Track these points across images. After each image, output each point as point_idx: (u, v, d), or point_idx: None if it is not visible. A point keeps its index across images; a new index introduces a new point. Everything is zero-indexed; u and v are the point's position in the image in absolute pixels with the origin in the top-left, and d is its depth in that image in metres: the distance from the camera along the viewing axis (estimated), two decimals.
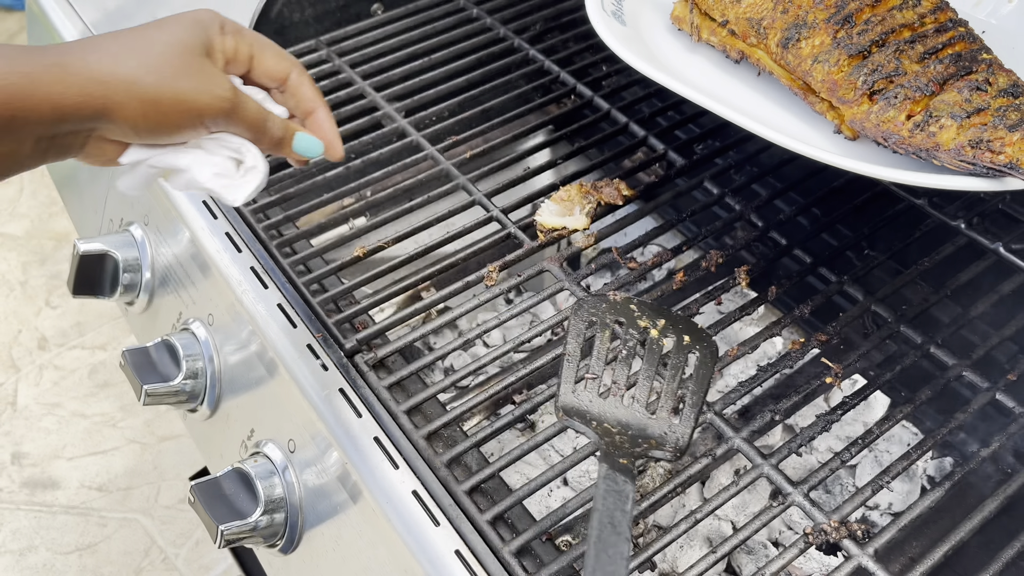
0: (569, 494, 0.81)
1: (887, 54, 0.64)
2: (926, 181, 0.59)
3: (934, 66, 0.63)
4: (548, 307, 1.00)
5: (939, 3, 0.67)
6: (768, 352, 0.92)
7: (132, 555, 1.58)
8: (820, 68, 0.66)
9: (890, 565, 0.54)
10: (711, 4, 0.74)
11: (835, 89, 0.65)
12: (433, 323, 0.68)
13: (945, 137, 0.59)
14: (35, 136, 0.48)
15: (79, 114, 0.49)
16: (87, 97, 0.48)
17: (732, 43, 0.73)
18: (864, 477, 0.80)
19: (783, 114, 0.70)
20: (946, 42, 0.64)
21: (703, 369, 0.56)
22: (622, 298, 0.60)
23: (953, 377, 0.63)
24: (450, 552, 0.55)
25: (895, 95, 0.62)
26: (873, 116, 0.63)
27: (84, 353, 1.91)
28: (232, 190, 0.56)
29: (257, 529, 0.63)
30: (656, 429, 0.54)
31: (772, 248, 0.75)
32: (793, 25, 0.68)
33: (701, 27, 0.75)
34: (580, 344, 0.57)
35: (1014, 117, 0.59)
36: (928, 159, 0.60)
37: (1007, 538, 0.56)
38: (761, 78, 0.74)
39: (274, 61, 0.56)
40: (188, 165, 0.55)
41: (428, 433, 0.61)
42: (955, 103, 0.60)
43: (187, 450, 1.73)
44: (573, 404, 0.55)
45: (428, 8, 1.01)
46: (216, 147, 0.55)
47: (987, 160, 0.57)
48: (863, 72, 0.64)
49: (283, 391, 0.66)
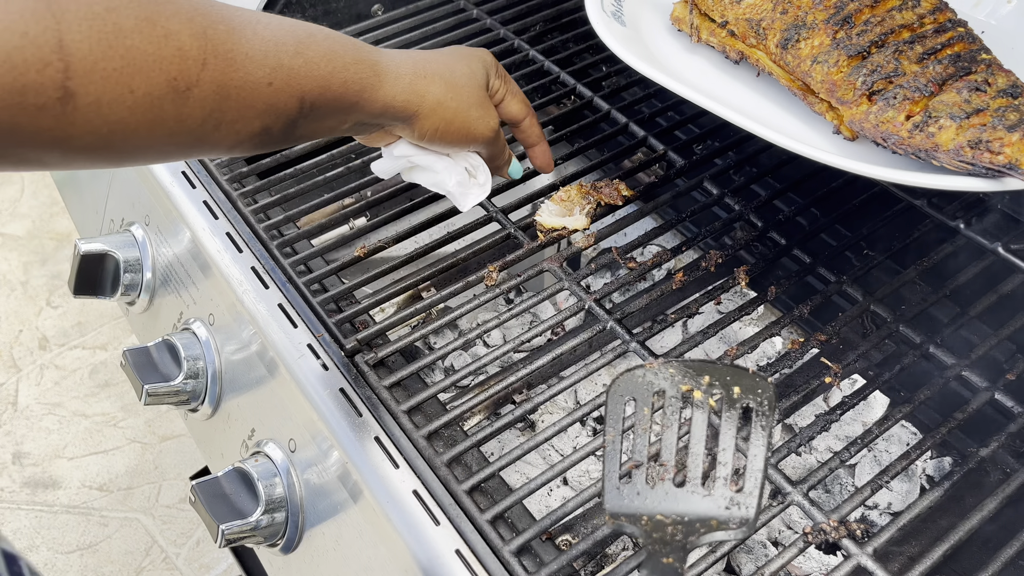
0: (569, 493, 0.81)
1: (886, 55, 0.64)
2: (925, 181, 0.59)
3: (933, 67, 0.62)
4: (548, 307, 1.00)
5: (938, 3, 0.67)
6: (767, 352, 0.92)
7: (133, 554, 1.58)
8: (819, 69, 0.66)
9: (889, 564, 0.54)
10: (711, 5, 0.74)
11: (834, 90, 0.65)
12: (433, 323, 0.68)
13: (944, 137, 0.59)
14: (357, 119, 0.58)
15: (396, 114, 0.59)
16: (407, 104, 0.59)
17: (732, 44, 0.73)
18: (863, 477, 0.80)
19: (782, 114, 0.70)
20: (945, 43, 0.64)
21: (761, 420, 0.50)
22: (659, 363, 0.54)
23: (952, 377, 0.64)
24: (450, 551, 0.55)
25: (894, 96, 0.62)
26: (872, 116, 0.63)
27: (85, 353, 1.91)
28: (466, 197, 0.68)
29: (258, 528, 0.63)
30: (714, 508, 0.48)
31: (771, 248, 0.75)
32: (792, 26, 0.68)
33: (701, 28, 0.75)
34: (620, 431, 0.51)
35: (1013, 117, 0.58)
36: (927, 159, 0.60)
37: (1006, 538, 0.56)
38: (760, 79, 0.74)
39: (517, 106, 0.70)
40: (440, 169, 0.66)
41: (428, 433, 0.61)
42: (954, 104, 0.60)
43: (188, 450, 1.73)
44: (619, 505, 0.49)
45: (428, 8, 1.01)
46: (460, 159, 0.67)
47: (986, 160, 0.57)
48: (862, 73, 0.64)
49: (284, 391, 0.66)
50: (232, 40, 0.49)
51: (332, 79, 0.55)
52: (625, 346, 0.66)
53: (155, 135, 0.46)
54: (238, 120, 0.50)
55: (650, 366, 0.54)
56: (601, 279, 0.99)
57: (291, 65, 0.52)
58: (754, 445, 0.50)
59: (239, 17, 0.50)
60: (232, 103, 0.49)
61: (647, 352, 0.65)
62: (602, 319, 0.67)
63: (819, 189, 0.78)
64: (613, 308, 0.69)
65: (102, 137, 0.44)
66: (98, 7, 0.42)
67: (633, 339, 0.66)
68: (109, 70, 0.42)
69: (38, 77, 0.40)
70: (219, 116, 0.49)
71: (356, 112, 0.57)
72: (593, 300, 0.69)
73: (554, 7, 1.02)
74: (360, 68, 0.56)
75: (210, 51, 0.47)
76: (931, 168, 0.61)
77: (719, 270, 0.72)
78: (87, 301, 1.97)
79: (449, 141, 0.63)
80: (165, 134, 0.47)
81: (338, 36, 0.57)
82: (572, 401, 0.90)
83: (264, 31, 0.51)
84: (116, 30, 0.43)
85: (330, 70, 0.54)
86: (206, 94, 0.47)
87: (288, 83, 0.52)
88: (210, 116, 0.48)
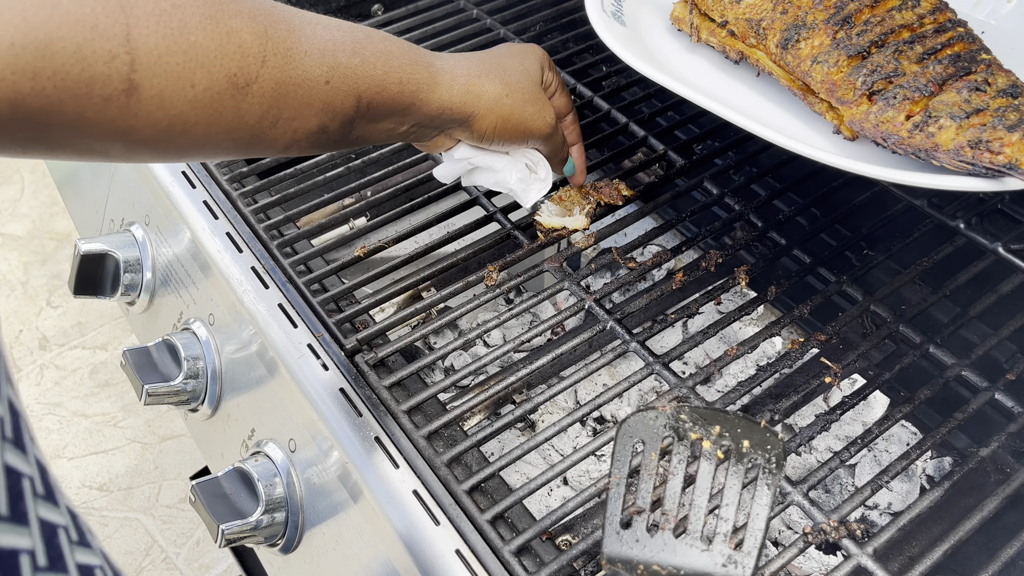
0: (569, 493, 0.81)
1: (886, 55, 0.64)
2: (925, 181, 0.59)
3: (933, 67, 0.62)
4: (548, 307, 1.00)
5: (938, 3, 0.67)
6: (767, 352, 0.92)
7: (133, 554, 1.58)
8: (819, 69, 0.65)
9: (889, 564, 0.54)
10: (710, 5, 0.74)
11: (834, 90, 0.65)
12: (433, 323, 0.68)
13: (944, 137, 0.59)
14: (415, 121, 0.59)
15: (453, 115, 0.60)
16: (464, 104, 0.60)
17: (731, 44, 0.73)
18: (863, 477, 0.80)
19: (782, 114, 0.70)
20: (945, 43, 0.64)
21: (767, 478, 0.49)
22: (671, 408, 0.53)
23: (952, 377, 0.64)
24: (450, 551, 0.55)
25: (894, 95, 0.62)
26: (872, 116, 0.62)
27: (85, 353, 1.91)
28: (528, 193, 0.69)
29: (258, 528, 0.63)
30: (711, 563, 0.48)
31: (771, 248, 0.75)
32: (792, 26, 0.68)
33: (700, 28, 0.75)
34: (625, 475, 0.51)
35: (1013, 117, 0.58)
36: (927, 159, 0.60)
37: (1007, 538, 0.56)
38: (760, 79, 0.74)
39: (564, 101, 0.70)
40: (500, 168, 0.67)
41: (428, 433, 0.61)
42: (954, 103, 0.60)
43: (188, 450, 1.73)
44: (618, 551, 0.49)
45: (428, 8, 1.01)
46: (519, 156, 0.68)
47: (986, 160, 0.57)
48: (862, 73, 0.64)
49: (284, 391, 0.67)
50: (292, 39, 0.50)
51: (388, 79, 0.55)
52: (625, 346, 0.66)
53: (214, 130, 0.47)
54: (296, 118, 0.51)
55: (663, 409, 0.53)
56: (601, 279, 0.99)
57: (348, 64, 0.53)
58: (757, 503, 0.49)
59: (299, 17, 0.52)
60: (290, 100, 0.50)
61: (647, 352, 0.65)
62: (602, 319, 0.67)
63: (819, 189, 0.78)
64: (613, 308, 0.69)
65: (163, 130, 0.45)
66: (165, 3, 0.44)
67: (633, 339, 0.66)
68: (172, 64, 0.44)
69: (105, 69, 0.41)
70: (277, 113, 0.50)
71: (413, 114, 0.58)
72: (593, 300, 0.69)
73: (554, 7, 1.02)
74: (416, 69, 0.57)
75: (270, 49, 0.48)
76: (931, 168, 0.60)
77: (719, 270, 0.72)
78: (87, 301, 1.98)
79: (508, 138, 0.64)
80: (224, 129, 0.48)
81: (395, 39, 0.58)
82: (572, 401, 0.90)
83: (323, 31, 0.53)
84: (181, 26, 0.44)
85: (386, 70, 0.55)
86: (265, 90, 0.48)
87: (345, 82, 0.53)
88: (268, 112, 0.49)
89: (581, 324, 0.90)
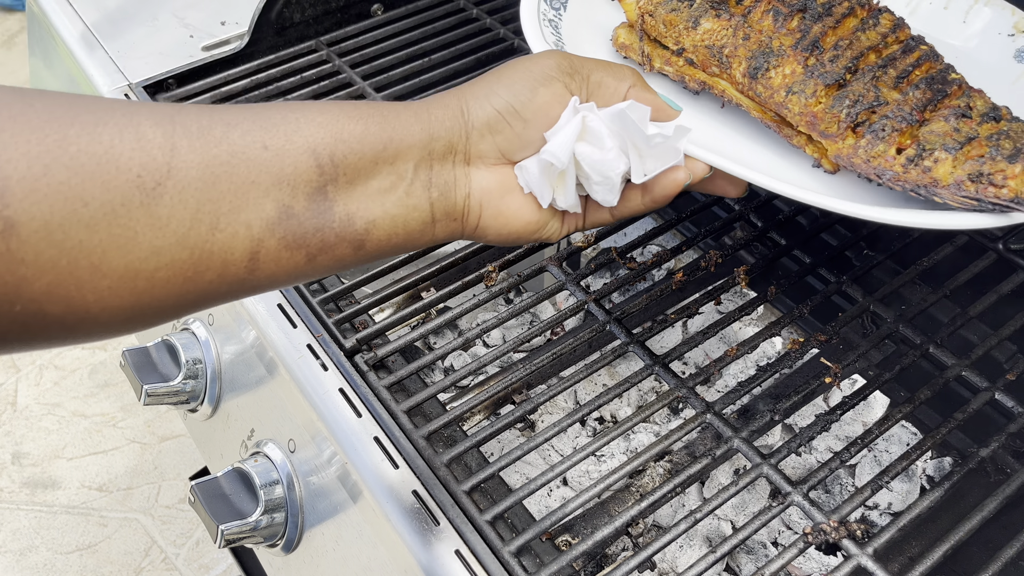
0: (569, 494, 0.81)
1: (864, 82, 0.59)
2: (928, 221, 0.54)
3: (912, 92, 0.58)
4: (548, 307, 1.00)
5: (896, 20, 0.64)
6: (767, 352, 0.92)
7: (132, 555, 1.58)
8: (796, 100, 0.60)
9: (889, 565, 0.54)
10: (662, 31, 0.65)
11: (815, 123, 0.59)
12: (433, 323, 0.68)
13: (942, 171, 0.55)
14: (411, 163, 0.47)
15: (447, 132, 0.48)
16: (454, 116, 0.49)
17: (691, 73, 0.65)
18: (863, 477, 0.80)
19: (757, 149, 0.63)
20: (915, 63, 0.60)
21: None
22: None
23: (952, 377, 0.64)
24: (450, 552, 0.55)
25: (882, 127, 0.57)
26: (862, 151, 0.58)
27: (84, 353, 1.91)
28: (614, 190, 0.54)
29: (257, 529, 0.63)
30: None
31: (771, 248, 0.75)
32: (759, 53, 0.62)
33: (653, 56, 0.67)
34: None
35: (1008, 146, 0.55)
36: (928, 196, 0.56)
37: (1007, 538, 0.56)
38: (726, 110, 0.67)
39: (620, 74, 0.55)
40: (610, 148, 0.52)
41: (428, 433, 0.61)
42: (945, 133, 0.56)
43: (187, 450, 1.73)
44: None
45: (428, 8, 1.01)
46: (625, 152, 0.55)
47: (991, 195, 0.54)
48: (845, 104, 0.58)
49: (283, 391, 0.66)
50: (206, 117, 0.40)
51: (344, 120, 0.44)
52: (625, 346, 0.66)
53: (133, 257, 0.37)
54: (241, 207, 0.40)
55: None
56: (601, 279, 0.99)
57: (287, 119, 0.43)
58: None
59: (209, 106, 0.42)
60: (224, 186, 0.39)
61: (647, 352, 0.65)
62: (602, 319, 0.67)
63: None
64: (613, 308, 0.69)
65: (63, 272, 0.35)
66: (36, 119, 0.35)
67: (633, 339, 0.66)
68: (54, 185, 0.34)
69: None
70: (212, 209, 0.39)
71: (402, 158, 0.46)
72: (593, 300, 0.68)
73: None
74: (376, 106, 0.47)
75: (180, 133, 0.39)
76: (930, 204, 0.57)
77: (719, 270, 0.72)
78: None
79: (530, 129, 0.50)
80: (148, 252, 0.37)
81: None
82: (572, 401, 0.90)
83: (243, 107, 0.43)
84: (60, 139, 0.35)
85: (338, 113, 0.45)
86: (184, 184, 0.38)
87: (289, 138, 0.42)
88: (199, 213, 0.38)
89: (581, 324, 0.90)
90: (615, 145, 0.51)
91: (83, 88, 0.93)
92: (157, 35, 0.96)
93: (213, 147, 0.39)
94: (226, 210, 0.39)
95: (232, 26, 0.98)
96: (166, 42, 0.95)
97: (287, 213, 0.42)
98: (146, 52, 0.93)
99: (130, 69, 0.91)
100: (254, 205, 0.40)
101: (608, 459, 0.81)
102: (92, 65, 0.92)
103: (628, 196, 0.54)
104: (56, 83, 1.03)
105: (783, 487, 0.57)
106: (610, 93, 0.52)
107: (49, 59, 1.02)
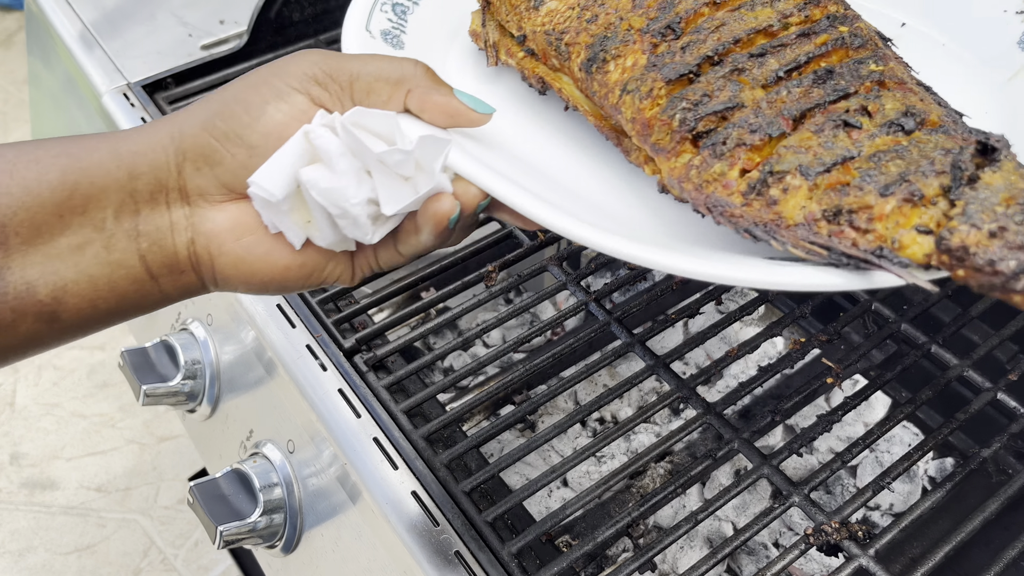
0: (569, 495, 0.81)
1: (720, 75, 0.43)
2: (750, 278, 0.37)
3: (789, 89, 0.42)
4: (548, 307, 1.00)
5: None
6: (768, 352, 0.92)
7: (131, 556, 1.58)
8: (629, 101, 0.44)
9: (891, 566, 0.54)
10: (504, 14, 0.52)
11: (647, 132, 0.43)
12: (432, 323, 0.68)
13: (790, 205, 0.38)
14: (110, 207, 0.39)
15: (152, 157, 0.40)
16: (161, 135, 0.41)
17: (531, 67, 0.52)
18: (865, 478, 0.79)
19: (595, 167, 0.49)
20: (814, 52, 0.43)
21: None
22: None
23: (954, 377, 0.63)
24: (450, 553, 0.55)
25: (723, 139, 0.41)
26: (694, 173, 0.41)
27: (83, 353, 1.91)
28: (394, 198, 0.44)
29: (256, 530, 0.63)
30: None
31: None
32: (600, 38, 0.46)
33: (499, 45, 0.54)
34: None
35: (891, 172, 0.37)
36: (766, 239, 0.38)
37: (1009, 539, 0.56)
38: (571, 114, 0.52)
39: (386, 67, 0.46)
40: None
41: (427, 433, 0.61)
42: (808, 148, 0.39)
43: (186, 451, 1.73)
44: None
45: None
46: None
47: (847, 244, 0.36)
48: (679, 106, 0.42)
49: (282, 391, 0.66)
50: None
51: (16, 164, 0.37)
52: (626, 346, 0.65)
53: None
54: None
55: None
56: (601, 279, 0.99)
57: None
58: None
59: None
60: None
61: (647, 352, 0.65)
62: (602, 319, 0.67)
63: None
64: (613, 308, 0.69)
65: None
66: None
67: (634, 339, 0.66)
68: None
69: None
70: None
71: (95, 205, 0.37)
72: (593, 300, 0.68)
73: None
74: (65, 142, 0.39)
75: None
76: (770, 252, 0.40)
77: None
78: None
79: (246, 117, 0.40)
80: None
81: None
82: (572, 402, 0.90)
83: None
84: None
85: (12, 158, 0.37)
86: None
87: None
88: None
89: (581, 324, 0.89)
90: (351, 167, 0.40)
91: (81, 87, 0.93)
92: (156, 34, 0.96)
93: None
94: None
95: (231, 25, 0.97)
96: (165, 41, 0.95)
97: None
98: (145, 51, 0.93)
99: (128, 68, 0.91)
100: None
101: (608, 460, 0.81)
102: (90, 64, 0.91)
103: (406, 229, 0.43)
104: (54, 82, 1.03)
105: (784, 488, 0.57)
106: (383, 100, 0.42)
107: (47, 58, 1.02)
